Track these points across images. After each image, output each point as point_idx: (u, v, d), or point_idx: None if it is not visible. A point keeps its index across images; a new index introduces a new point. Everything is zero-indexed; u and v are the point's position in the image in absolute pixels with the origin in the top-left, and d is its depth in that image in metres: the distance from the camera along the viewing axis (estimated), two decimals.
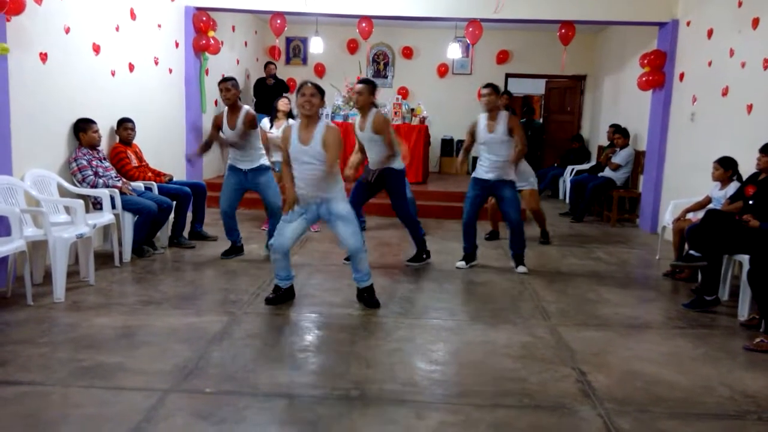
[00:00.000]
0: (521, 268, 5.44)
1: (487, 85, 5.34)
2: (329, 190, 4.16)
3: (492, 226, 6.93)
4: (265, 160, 5.51)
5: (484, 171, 5.40)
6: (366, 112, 5.17)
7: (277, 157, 6.24)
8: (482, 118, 5.37)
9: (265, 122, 6.69)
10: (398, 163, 5.32)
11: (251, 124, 5.30)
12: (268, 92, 9.31)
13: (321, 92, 4.13)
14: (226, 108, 5.39)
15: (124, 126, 5.84)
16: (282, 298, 4.37)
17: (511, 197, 5.40)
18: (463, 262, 5.54)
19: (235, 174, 5.44)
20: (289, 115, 6.67)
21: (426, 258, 5.60)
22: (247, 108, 5.37)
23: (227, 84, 5.29)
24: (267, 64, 9.83)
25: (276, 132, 6.45)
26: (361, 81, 5.22)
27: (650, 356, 3.63)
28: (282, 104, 6.73)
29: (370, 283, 4.37)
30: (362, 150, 5.38)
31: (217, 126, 5.45)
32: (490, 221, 6.89)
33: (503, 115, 5.32)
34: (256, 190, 5.52)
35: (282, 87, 9.64)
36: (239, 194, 5.56)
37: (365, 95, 5.12)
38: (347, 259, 5.54)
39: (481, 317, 4.26)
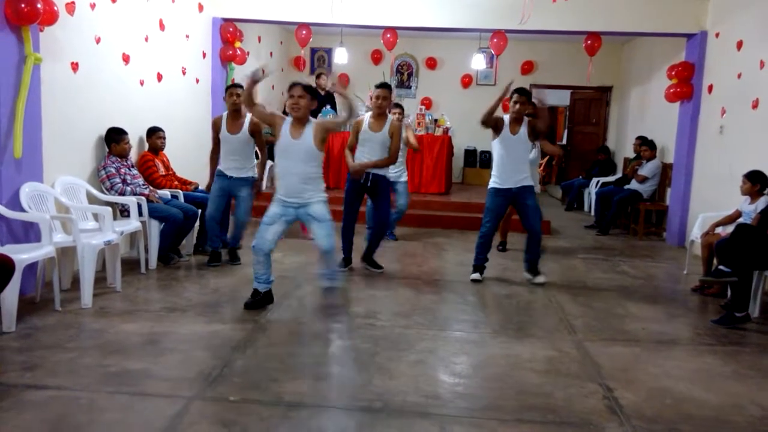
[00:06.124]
0: (540, 278, 5.36)
1: (523, 93, 5.25)
2: (310, 193, 4.28)
3: (501, 237, 6.80)
4: (253, 172, 5.58)
5: (504, 179, 5.29)
6: (385, 116, 5.35)
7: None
8: (507, 119, 5.27)
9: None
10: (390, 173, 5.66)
11: (258, 131, 5.50)
12: (319, 102, 9.41)
13: (311, 92, 4.26)
14: (226, 113, 5.48)
15: (158, 135, 5.94)
16: (261, 302, 4.41)
17: (535, 205, 5.35)
18: (478, 274, 5.45)
19: (221, 180, 5.51)
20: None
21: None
22: (250, 115, 5.43)
23: (237, 90, 5.37)
24: (319, 75, 9.83)
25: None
26: (383, 85, 5.36)
27: (679, 373, 3.55)
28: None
29: (340, 283, 4.55)
30: (352, 149, 5.49)
31: (214, 129, 5.54)
32: (500, 232, 6.77)
33: (525, 120, 5.28)
34: (233, 196, 5.57)
35: (330, 99, 9.69)
36: (224, 200, 5.60)
37: (390, 100, 5.40)
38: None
39: (505, 330, 4.22)
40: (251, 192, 5.56)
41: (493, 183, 5.37)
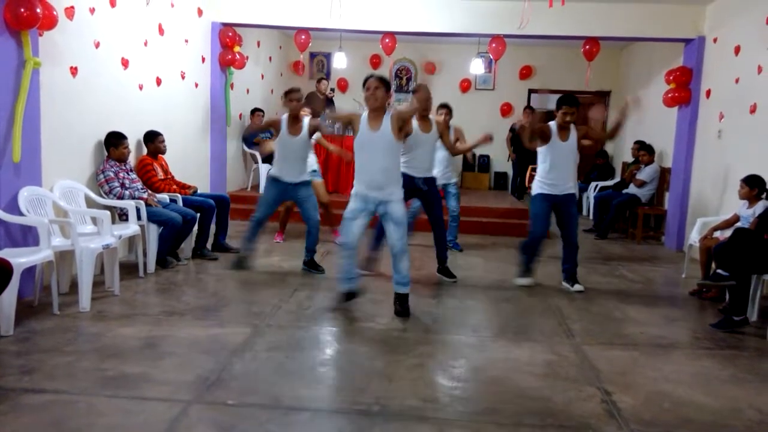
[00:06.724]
0: (578, 287, 5.35)
1: (571, 103, 5.24)
2: (391, 189, 4.33)
3: None
4: (308, 175, 5.62)
5: (552, 186, 5.26)
6: (428, 117, 5.32)
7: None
8: (554, 126, 5.25)
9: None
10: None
11: (315, 131, 5.59)
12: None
13: (386, 84, 4.33)
14: (287, 116, 5.44)
15: (159, 139, 5.95)
16: (353, 296, 4.55)
17: (576, 214, 5.37)
18: (529, 279, 5.43)
19: (277, 185, 5.47)
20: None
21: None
22: (308, 118, 5.56)
23: (295, 95, 5.42)
24: (320, 80, 9.90)
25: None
26: (421, 87, 5.23)
27: (677, 377, 3.55)
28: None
29: (407, 291, 4.49)
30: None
31: (275, 127, 5.47)
32: None
33: (572, 127, 5.28)
34: (295, 202, 5.62)
35: (330, 104, 9.71)
36: (277, 207, 5.69)
37: (431, 99, 5.31)
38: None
39: (504, 334, 4.22)
40: (311, 189, 5.59)
41: (540, 189, 5.31)
